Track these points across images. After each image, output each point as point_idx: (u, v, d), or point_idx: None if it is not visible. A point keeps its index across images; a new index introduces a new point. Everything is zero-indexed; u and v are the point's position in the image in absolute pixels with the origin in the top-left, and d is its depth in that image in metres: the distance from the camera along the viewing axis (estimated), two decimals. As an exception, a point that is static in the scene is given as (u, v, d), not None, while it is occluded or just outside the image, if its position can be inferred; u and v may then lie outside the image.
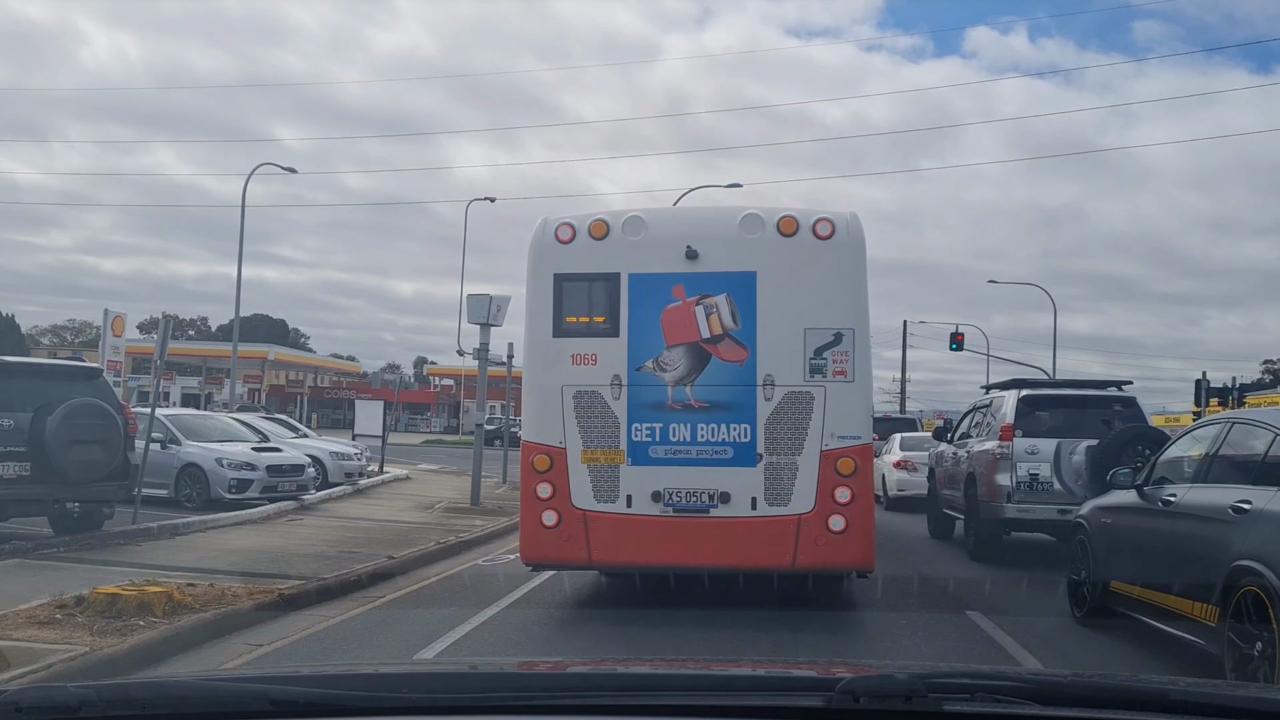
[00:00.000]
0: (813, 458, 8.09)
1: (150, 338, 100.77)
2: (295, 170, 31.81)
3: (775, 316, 8.20)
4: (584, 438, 8.28)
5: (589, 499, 8.25)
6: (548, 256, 8.48)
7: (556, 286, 8.43)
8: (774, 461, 8.13)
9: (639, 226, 8.39)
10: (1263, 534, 5.86)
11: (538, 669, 2.71)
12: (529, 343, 8.59)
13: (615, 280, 8.34)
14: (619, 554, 8.26)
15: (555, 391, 8.33)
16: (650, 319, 8.29)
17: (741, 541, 8.06)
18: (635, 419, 8.24)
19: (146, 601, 7.59)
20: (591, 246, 8.39)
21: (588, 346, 8.35)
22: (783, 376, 8.19)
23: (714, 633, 7.84)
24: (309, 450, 19.52)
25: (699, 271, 8.27)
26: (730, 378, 8.24)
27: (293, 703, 1.93)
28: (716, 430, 8.20)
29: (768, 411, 8.16)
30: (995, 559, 12.39)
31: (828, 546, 8.03)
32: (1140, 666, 7.36)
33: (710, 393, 8.24)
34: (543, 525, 8.26)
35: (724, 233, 8.39)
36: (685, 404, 8.23)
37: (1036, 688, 2.00)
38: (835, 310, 8.26)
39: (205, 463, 15.72)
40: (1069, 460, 12.06)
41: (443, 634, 7.88)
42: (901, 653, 7.36)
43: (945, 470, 14.94)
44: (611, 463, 8.24)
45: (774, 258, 8.27)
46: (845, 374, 8.19)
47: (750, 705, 2.00)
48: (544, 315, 8.45)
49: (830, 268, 8.32)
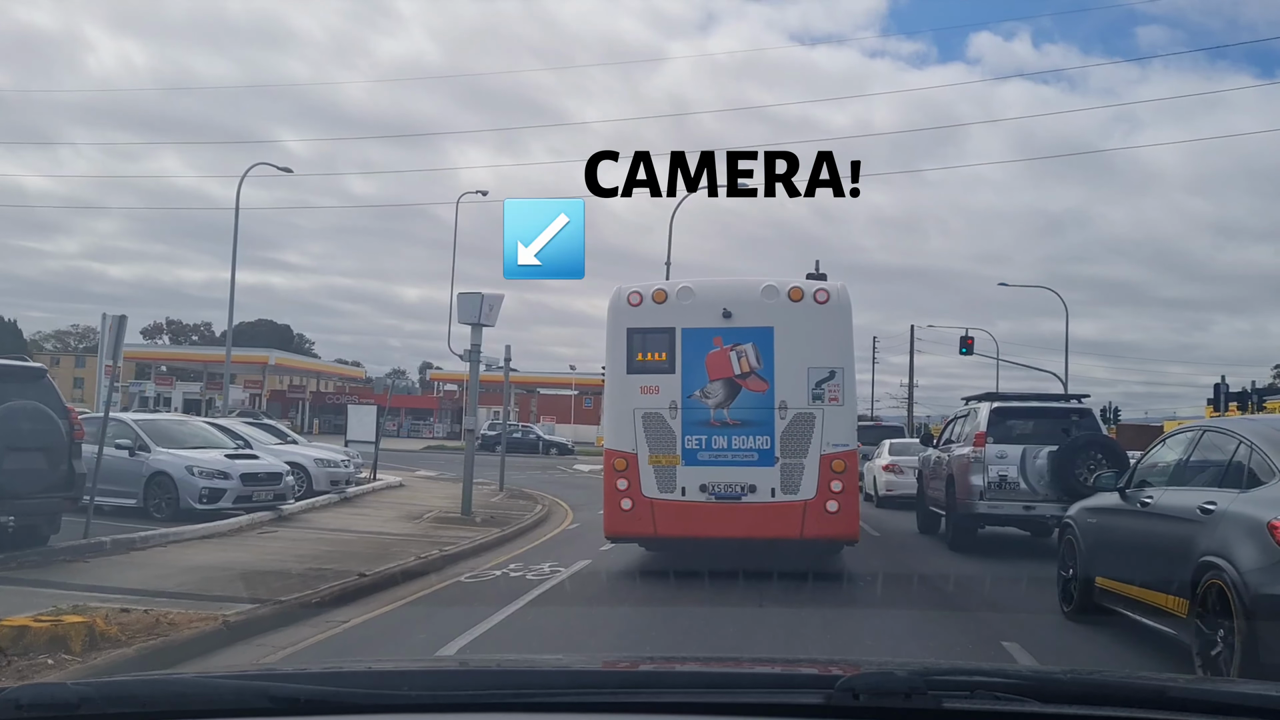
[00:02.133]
0: (814, 459, 10.93)
1: (155, 343, 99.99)
2: (291, 170, 30.76)
3: (787, 359, 11.05)
4: (650, 446, 11.11)
5: (654, 490, 11.07)
6: (621, 315, 11.32)
7: (629, 337, 11.24)
8: (787, 462, 10.97)
9: (689, 294, 11.27)
10: (1226, 532, 6.41)
11: (538, 666, 2.67)
12: (609, 377, 11.52)
13: (671, 333, 11.17)
14: (676, 529, 11.08)
15: (629, 413, 11.16)
16: (697, 361, 11.11)
17: (765, 519, 10.89)
18: (687, 432, 11.08)
19: (61, 635, 6.53)
20: (654, 308, 11.25)
21: (652, 380, 11.16)
22: (793, 402, 11.04)
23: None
24: (293, 457, 18.54)
25: (732, 326, 11.12)
26: (755, 403, 11.08)
27: (293, 700, 1.92)
28: (745, 440, 11.05)
29: (782, 427, 11.01)
30: (970, 549, 14.21)
31: (826, 522, 10.91)
32: (1118, 659, 7.73)
33: (741, 413, 11.10)
34: (621, 509, 11.15)
35: (750, 298, 11.22)
36: (723, 422, 11.08)
37: (1036, 685, 2.00)
38: (829, 355, 11.10)
39: (175, 470, 14.69)
40: (1033, 463, 13.76)
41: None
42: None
43: (930, 472, 16.81)
44: (670, 464, 11.08)
45: (786, 317, 11.12)
46: (837, 399, 11.06)
47: (750, 703, 1.99)
48: (620, 357, 11.29)
49: (826, 324, 11.16)
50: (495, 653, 7.84)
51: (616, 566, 12.26)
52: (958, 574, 12.11)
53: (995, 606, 10.19)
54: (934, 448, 17.07)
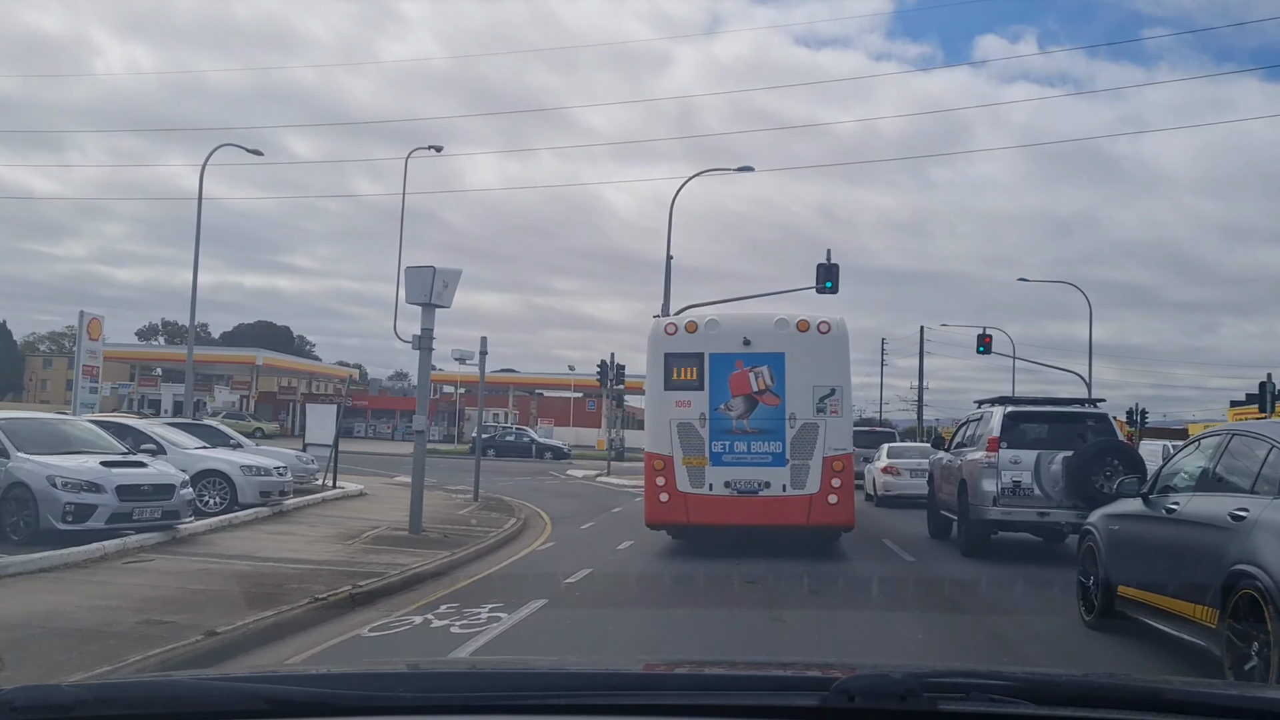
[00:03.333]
0: (818, 461, 13.18)
1: (151, 344, 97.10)
2: (261, 154, 27.68)
3: (795, 379, 13.36)
4: (683, 450, 13.32)
5: (687, 486, 13.25)
6: (659, 343, 13.72)
7: (666, 360, 13.55)
8: (796, 463, 13.21)
9: (715, 325, 13.75)
10: (1259, 540, 6.25)
11: (534, 668, 2.63)
12: (649, 392, 13.97)
13: (701, 357, 13.45)
14: (705, 517, 13.23)
15: (666, 422, 13.41)
16: (722, 380, 13.39)
17: (778, 510, 13.12)
18: (714, 439, 13.29)
19: None
20: (686, 336, 13.59)
21: (685, 396, 13.41)
22: (801, 414, 13.31)
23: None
24: (212, 464, 15.44)
25: (751, 352, 13.41)
26: (769, 415, 13.35)
27: (288, 702, 1.92)
28: (762, 445, 13.28)
29: (792, 434, 13.28)
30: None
31: (828, 512, 13.15)
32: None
33: (758, 423, 13.35)
34: (660, 501, 13.40)
35: (765, 329, 13.60)
36: (743, 430, 13.32)
37: (1031, 687, 1.99)
38: (830, 375, 13.44)
39: (34, 482, 11.49)
40: (1048, 469, 13.53)
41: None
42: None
43: (942, 477, 16.63)
44: (700, 464, 13.27)
45: (795, 344, 13.44)
46: (837, 412, 13.40)
47: (745, 705, 2.00)
48: (658, 377, 13.58)
49: (827, 351, 13.51)
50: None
51: (580, 607, 9.56)
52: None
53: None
54: (945, 451, 17.14)
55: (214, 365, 67.90)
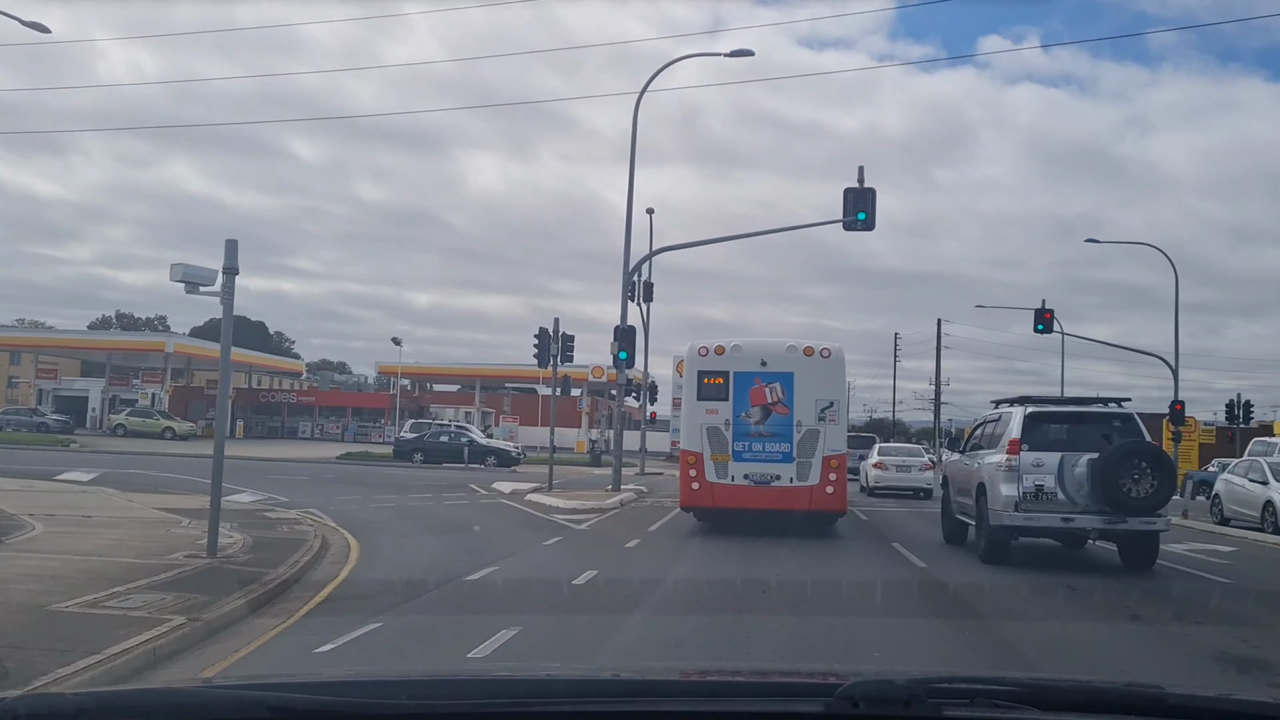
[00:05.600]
0: (819, 459, 17.08)
1: (124, 334, 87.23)
2: (49, 29, 19.35)
3: (802, 394, 17.29)
4: (711, 448, 17.26)
5: (714, 477, 17.23)
6: (694, 362, 17.81)
7: (699, 377, 17.70)
8: (801, 461, 17.12)
9: (738, 350, 17.62)
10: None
11: (537, 675, 2.65)
12: (685, 402, 18.36)
13: (727, 374, 17.46)
14: (728, 502, 17.25)
15: (698, 426, 17.42)
16: (743, 393, 17.36)
17: (786, 497, 17.02)
18: (736, 440, 17.25)
19: None
20: (715, 358, 17.61)
21: (713, 405, 17.40)
22: (806, 421, 17.19)
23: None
24: None
25: (767, 371, 17.35)
26: (781, 422, 17.26)
27: (290, 710, 1.93)
28: (774, 446, 17.15)
29: (798, 438, 17.17)
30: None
31: (825, 500, 17.08)
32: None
33: (771, 428, 17.23)
34: (692, 489, 17.45)
35: (778, 353, 17.57)
36: (759, 433, 17.25)
37: (1035, 692, 2.03)
38: (830, 391, 17.41)
39: None
40: (1072, 472, 13.30)
41: None
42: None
43: (957, 480, 16.91)
44: (724, 460, 17.20)
45: (802, 366, 17.37)
46: (835, 420, 17.40)
47: (750, 711, 2.02)
48: (693, 389, 17.78)
49: (828, 372, 17.49)
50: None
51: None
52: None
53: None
54: (960, 452, 17.57)
55: (102, 353, 59.10)
